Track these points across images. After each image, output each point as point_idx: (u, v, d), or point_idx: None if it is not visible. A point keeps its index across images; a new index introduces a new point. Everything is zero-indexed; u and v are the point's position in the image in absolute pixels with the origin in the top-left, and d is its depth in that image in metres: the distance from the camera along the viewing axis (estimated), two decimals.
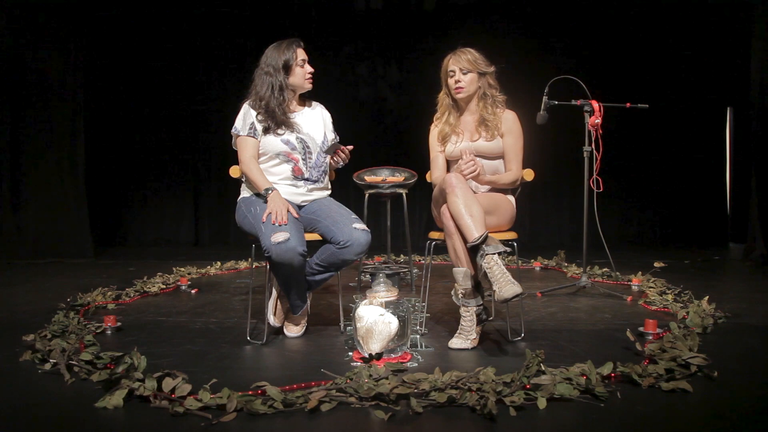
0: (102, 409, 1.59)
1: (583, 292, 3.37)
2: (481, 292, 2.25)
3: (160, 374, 1.69)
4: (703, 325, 2.41)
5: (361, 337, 2.02)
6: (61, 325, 2.43)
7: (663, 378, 1.74)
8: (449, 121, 2.59)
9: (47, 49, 5.20)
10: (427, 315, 2.62)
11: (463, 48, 2.52)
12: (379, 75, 6.38)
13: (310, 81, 2.51)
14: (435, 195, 2.38)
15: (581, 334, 2.44)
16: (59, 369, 1.89)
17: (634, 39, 6.01)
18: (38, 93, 5.20)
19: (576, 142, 3.46)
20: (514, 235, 2.48)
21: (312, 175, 2.49)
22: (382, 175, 3.54)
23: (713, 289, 3.42)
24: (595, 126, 3.21)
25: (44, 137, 5.24)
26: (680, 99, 6.03)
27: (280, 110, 2.43)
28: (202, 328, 2.62)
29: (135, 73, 6.28)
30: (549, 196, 6.28)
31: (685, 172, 6.12)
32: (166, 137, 6.42)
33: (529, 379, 1.68)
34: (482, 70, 2.50)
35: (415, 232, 6.07)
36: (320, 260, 2.37)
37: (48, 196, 5.25)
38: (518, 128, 2.54)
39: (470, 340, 2.21)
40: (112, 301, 3.18)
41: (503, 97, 2.56)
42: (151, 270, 4.11)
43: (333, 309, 2.93)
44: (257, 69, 2.48)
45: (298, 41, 2.49)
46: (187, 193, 6.55)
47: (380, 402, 1.61)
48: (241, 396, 1.59)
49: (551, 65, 5.30)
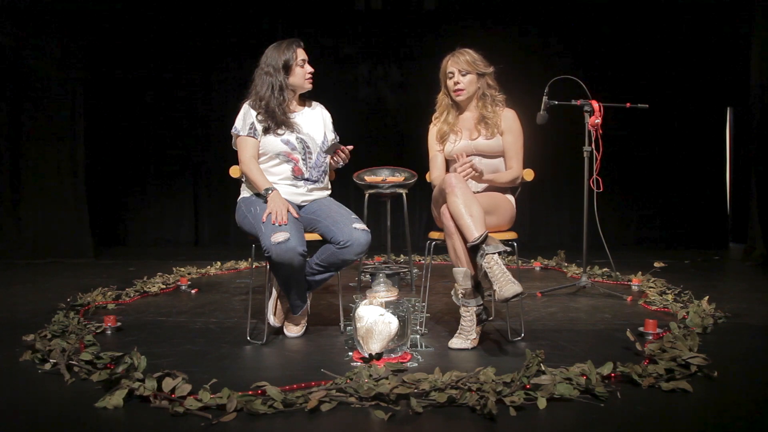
0: (102, 409, 1.59)
1: (583, 292, 3.37)
2: (481, 292, 2.25)
3: (160, 374, 1.69)
4: (703, 325, 2.41)
5: (361, 337, 2.02)
6: (61, 325, 2.43)
7: (663, 378, 1.74)
8: (448, 120, 2.59)
9: (47, 49, 5.20)
10: (427, 315, 2.62)
11: (461, 49, 2.52)
12: (379, 75, 6.37)
13: (310, 81, 2.51)
14: (435, 195, 2.38)
15: (581, 334, 2.44)
16: (59, 369, 1.89)
17: (634, 39, 6.01)
18: (38, 93, 5.20)
19: (576, 142, 3.46)
20: (514, 235, 2.48)
21: (312, 175, 2.49)
22: (382, 175, 3.54)
23: (713, 289, 3.42)
24: (595, 126, 3.21)
25: (44, 137, 5.24)
26: (680, 99, 6.02)
27: (280, 110, 2.43)
28: (202, 328, 2.62)
29: (135, 73, 6.28)
30: (549, 196, 6.27)
31: (685, 172, 6.11)
32: (166, 137, 6.41)
33: (529, 379, 1.68)
34: (481, 70, 2.50)
35: (415, 232, 6.07)
36: (320, 260, 2.37)
37: (48, 196, 5.25)
38: (518, 126, 2.54)
39: (470, 340, 2.21)
40: (112, 301, 3.18)
41: (503, 97, 2.56)
42: (151, 270, 4.11)
43: (333, 309, 2.93)
44: (257, 69, 2.48)
45: (298, 41, 2.49)
46: (187, 193, 6.55)
47: (380, 402, 1.61)
48: (241, 396, 1.59)
49: (551, 65, 5.31)
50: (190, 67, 6.35)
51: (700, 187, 6.13)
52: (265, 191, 2.36)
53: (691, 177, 6.12)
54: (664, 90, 5.95)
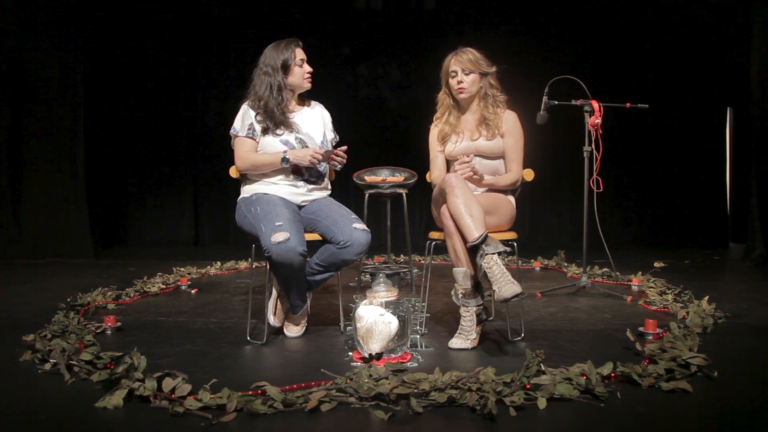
0: (102, 409, 1.59)
1: (583, 292, 3.37)
2: (481, 292, 2.25)
3: (160, 374, 1.69)
4: (703, 325, 2.41)
5: (361, 337, 2.02)
6: (61, 325, 2.43)
7: (663, 378, 1.74)
8: (449, 120, 2.59)
9: (47, 49, 5.20)
10: (427, 315, 2.62)
11: (464, 48, 2.52)
12: (379, 75, 6.38)
13: (309, 80, 2.51)
14: (435, 195, 2.38)
15: (581, 334, 2.44)
16: (59, 369, 1.89)
17: (634, 39, 6.01)
18: (38, 93, 5.20)
19: (576, 142, 3.46)
20: (514, 235, 2.48)
21: (311, 176, 2.49)
22: (382, 175, 3.54)
23: (713, 289, 3.42)
24: (595, 126, 3.21)
25: (44, 137, 5.24)
26: (680, 99, 6.02)
27: (279, 110, 2.43)
28: (202, 328, 2.62)
29: (135, 73, 6.27)
30: (549, 196, 6.27)
31: (685, 171, 6.11)
32: (166, 137, 6.41)
33: (529, 379, 1.68)
34: (484, 70, 2.50)
35: (415, 232, 6.07)
36: (320, 260, 2.37)
37: (48, 196, 5.25)
38: (519, 129, 2.54)
39: (470, 340, 2.21)
40: (112, 301, 3.18)
41: (504, 97, 2.56)
42: (151, 270, 4.11)
43: (333, 309, 2.93)
44: (256, 69, 2.48)
45: (296, 41, 2.49)
46: (187, 193, 6.55)
47: (380, 402, 1.61)
48: (241, 396, 1.59)
49: (551, 65, 5.31)
50: (190, 66, 6.35)
51: (700, 187, 6.13)
52: (284, 161, 2.37)
53: (691, 177, 6.11)
54: (664, 90, 5.95)
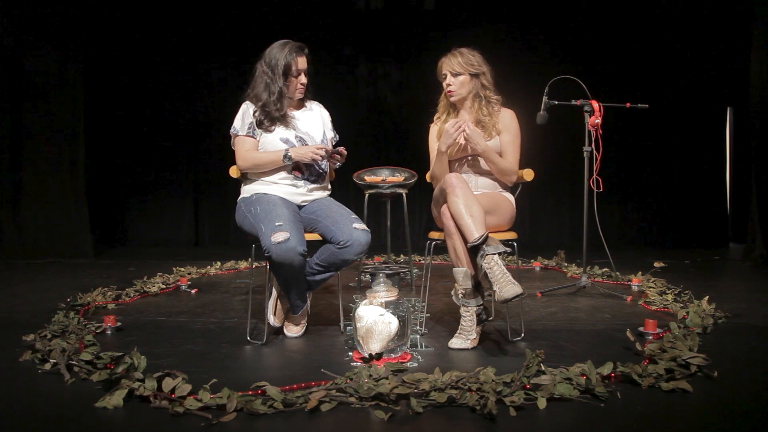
0: (102, 409, 1.59)
1: (583, 292, 3.37)
2: (481, 292, 2.25)
3: (160, 374, 1.69)
4: (703, 325, 2.41)
5: (361, 337, 2.02)
6: (61, 325, 2.43)
7: (663, 378, 1.74)
8: (448, 120, 2.58)
9: (47, 49, 5.20)
10: (427, 315, 2.62)
11: (455, 50, 2.50)
12: (379, 75, 6.38)
13: (300, 91, 2.49)
14: (435, 195, 2.38)
15: (581, 334, 2.44)
16: (59, 369, 1.89)
17: (634, 39, 6.01)
18: (38, 93, 5.21)
19: (576, 142, 3.46)
20: (514, 235, 2.48)
21: (311, 174, 2.49)
22: (382, 175, 3.54)
23: (713, 289, 3.42)
24: (595, 126, 3.21)
25: (44, 137, 5.24)
26: (680, 99, 6.02)
27: (279, 115, 2.43)
28: (202, 328, 2.62)
29: (135, 73, 6.27)
30: (549, 196, 6.27)
31: (685, 172, 6.11)
32: (166, 137, 6.41)
33: (529, 379, 1.69)
34: (474, 71, 2.47)
35: (415, 232, 6.07)
36: (320, 260, 2.37)
37: (48, 196, 5.25)
38: (515, 126, 2.53)
39: (470, 340, 2.21)
40: (112, 301, 3.18)
41: (498, 98, 2.54)
42: (151, 270, 4.11)
43: (333, 309, 2.93)
44: (259, 62, 2.46)
45: (303, 48, 2.45)
46: (187, 193, 6.55)
47: (380, 402, 1.60)
48: (241, 396, 1.59)
49: (551, 65, 5.31)
50: (190, 66, 6.35)
51: (700, 186, 6.13)
52: (286, 158, 2.37)
53: (691, 177, 6.12)
54: (664, 90, 5.95)
